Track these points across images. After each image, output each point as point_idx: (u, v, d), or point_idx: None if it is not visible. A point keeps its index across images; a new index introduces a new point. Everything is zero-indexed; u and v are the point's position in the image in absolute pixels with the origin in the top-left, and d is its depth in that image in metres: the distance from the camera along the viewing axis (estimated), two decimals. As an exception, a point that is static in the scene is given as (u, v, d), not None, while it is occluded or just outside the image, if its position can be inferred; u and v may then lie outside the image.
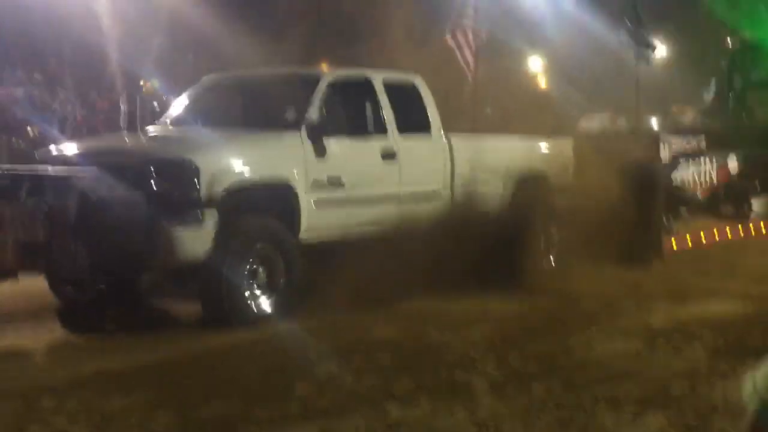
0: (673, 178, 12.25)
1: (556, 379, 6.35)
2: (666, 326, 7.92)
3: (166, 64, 34.52)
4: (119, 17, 30.49)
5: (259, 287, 7.85)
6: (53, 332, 7.82)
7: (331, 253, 8.76)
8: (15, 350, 7.28)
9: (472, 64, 16.90)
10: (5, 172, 7.91)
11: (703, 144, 13.94)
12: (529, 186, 10.49)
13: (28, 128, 26.01)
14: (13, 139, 25.63)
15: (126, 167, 7.52)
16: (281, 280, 7.96)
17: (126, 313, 8.41)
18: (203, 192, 7.46)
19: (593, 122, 37.93)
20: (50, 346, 7.46)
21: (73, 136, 26.56)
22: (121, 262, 7.40)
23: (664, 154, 12.83)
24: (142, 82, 35.34)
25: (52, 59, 33.82)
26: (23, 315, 8.42)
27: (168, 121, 9.30)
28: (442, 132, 9.69)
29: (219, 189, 7.53)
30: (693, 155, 13.66)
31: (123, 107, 8.41)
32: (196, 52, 37.75)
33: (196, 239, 7.41)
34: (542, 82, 53.05)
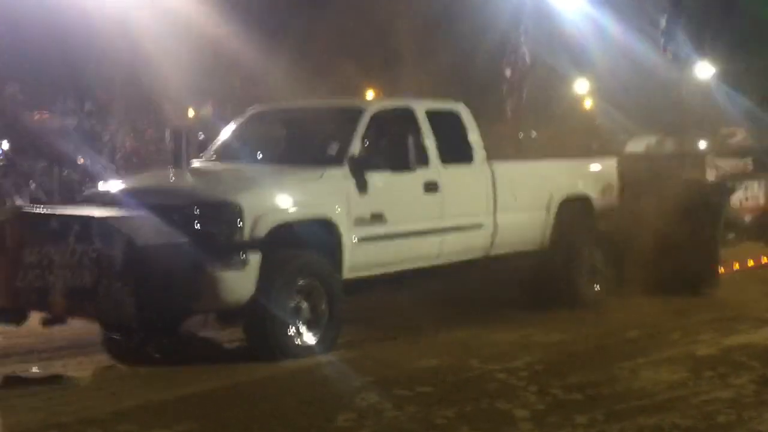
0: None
1: (599, 409, 6.29)
2: (712, 355, 7.83)
3: (213, 92, 34.97)
4: (167, 46, 30.97)
5: (303, 322, 7.88)
6: (99, 363, 7.90)
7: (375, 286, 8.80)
8: (60, 381, 7.37)
9: (524, 95, 16.91)
10: (53, 214, 7.95)
11: (751, 166, 13.73)
12: (572, 210, 10.40)
13: (80, 159, 26.49)
14: (65, 171, 26.11)
15: (171, 209, 7.58)
16: (325, 315, 7.99)
17: (171, 344, 8.47)
18: (247, 233, 7.51)
19: (640, 145, 37.71)
20: (95, 376, 7.54)
21: (123, 166, 27.00)
22: (166, 307, 7.45)
23: (711, 176, 12.66)
24: (191, 112, 35.83)
25: (101, 89, 34.43)
26: (69, 346, 8.53)
27: (213, 155, 9.38)
28: (486, 160, 9.65)
29: (263, 230, 7.59)
30: (740, 178, 13.45)
31: (168, 139, 8.46)
32: (242, 81, 38.20)
33: (241, 282, 7.48)
34: (588, 105, 52.89)
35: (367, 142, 8.58)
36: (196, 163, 9.33)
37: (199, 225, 7.48)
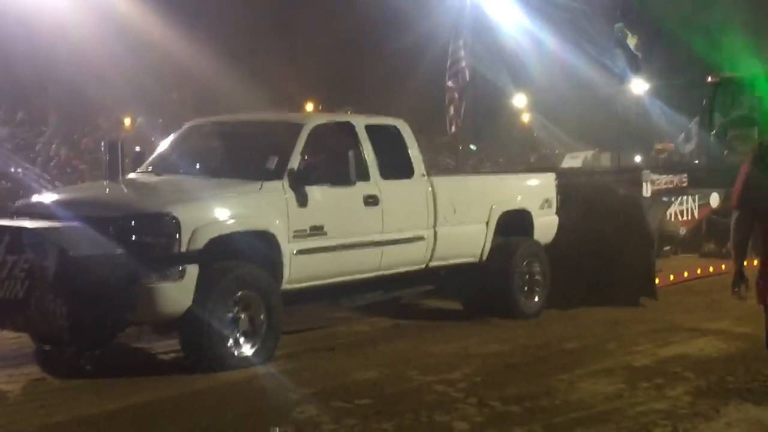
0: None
1: (537, 422, 6.32)
2: (648, 366, 7.91)
3: (152, 102, 34.62)
4: (103, 56, 30.60)
5: (241, 333, 7.79)
6: (29, 375, 7.70)
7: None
8: (-11, 395, 7.19)
9: (463, 109, 16.99)
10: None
11: (686, 182, 13.98)
12: (511, 224, 10.48)
13: (13, 169, 25.96)
14: (-2, 180, 25.57)
15: (106, 221, 7.46)
16: (263, 326, 7.91)
17: (105, 356, 8.31)
18: (184, 245, 7.42)
19: (577, 159, 38.19)
20: (25, 389, 7.35)
21: (57, 177, 26.53)
22: (100, 319, 7.32)
23: (648, 191, 12.84)
24: (127, 121, 35.41)
25: (35, 99, 33.90)
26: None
27: (150, 167, 9.25)
28: (425, 174, 9.68)
29: (201, 242, 7.51)
30: (675, 193, 13.69)
31: (104, 150, 8.31)
32: (180, 92, 37.90)
33: (178, 294, 7.39)
34: (526, 119, 53.48)
35: (307, 156, 8.56)
36: (132, 175, 9.20)
37: (135, 237, 7.39)
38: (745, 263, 6.02)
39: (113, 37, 30.25)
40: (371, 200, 8.92)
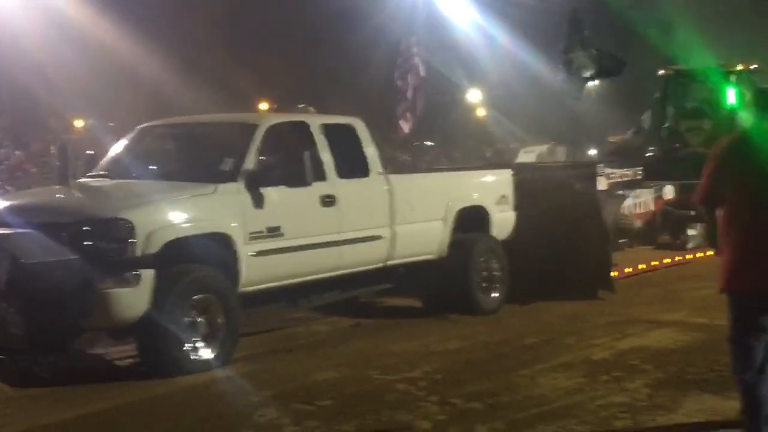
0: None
1: (499, 419, 6.31)
2: (607, 359, 7.96)
3: (103, 104, 34.23)
4: (55, 58, 30.21)
5: (199, 337, 7.71)
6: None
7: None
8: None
9: (419, 105, 16.97)
10: None
11: (641, 175, 14.15)
12: (469, 220, 10.49)
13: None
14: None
15: (59, 226, 7.34)
16: (221, 329, 7.84)
17: (60, 363, 8.18)
18: (139, 250, 7.33)
19: (532, 154, 38.44)
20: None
21: (7, 181, 26.13)
22: (55, 326, 7.20)
23: (603, 185, 12.95)
24: (79, 124, 34.98)
25: (-15, 102, 33.37)
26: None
27: (103, 171, 9.11)
28: (382, 173, 9.66)
29: (156, 246, 7.42)
30: (630, 186, 13.84)
31: (54, 153, 8.17)
32: (133, 93, 37.51)
33: (133, 299, 7.30)
34: (481, 114, 53.66)
35: (263, 157, 8.49)
36: (84, 180, 9.06)
37: (89, 242, 7.27)
38: (699, 254, 6.11)
39: (63, 40, 29.88)
40: (328, 200, 8.87)
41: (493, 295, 10.53)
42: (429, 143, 43.37)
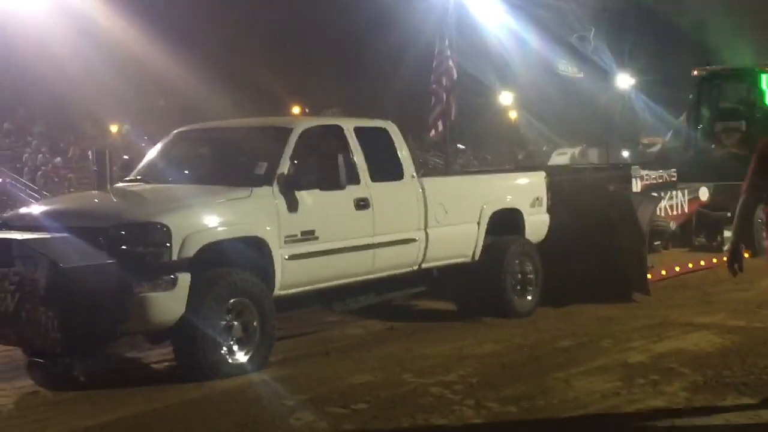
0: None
1: (535, 422, 6.27)
2: (644, 362, 7.89)
3: (138, 109, 34.53)
4: (89, 64, 30.51)
5: (234, 340, 7.75)
6: (22, 389, 7.65)
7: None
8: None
9: (452, 109, 16.93)
10: None
11: (675, 177, 14.03)
12: (503, 223, 10.46)
13: (0, 180, 25.87)
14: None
15: (97, 231, 7.40)
16: (256, 333, 7.87)
17: (98, 367, 8.25)
18: (176, 254, 7.38)
19: (564, 156, 38.22)
20: (18, 403, 7.28)
21: (44, 186, 26.44)
22: (93, 330, 7.26)
23: (637, 186, 12.86)
24: (114, 129, 35.31)
25: (21, 108, 33.78)
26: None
27: (139, 176, 9.19)
28: (415, 176, 9.66)
29: (192, 250, 7.46)
30: (665, 187, 13.73)
31: (92, 159, 8.27)
32: (167, 98, 37.79)
33: (170, 302, 7.34)
34: (513, 116, 53.51)
35: (297, 161, 8.51)
36: (121, 184, 9.13)
37: (126, 246, 7.32)
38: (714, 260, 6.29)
39: (98, 46, 30.17)
40: (362, 203, 8.89)
41: (527, 298, 10.49)
42: (461, 146, 43.35)
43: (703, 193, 14.11)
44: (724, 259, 13.52)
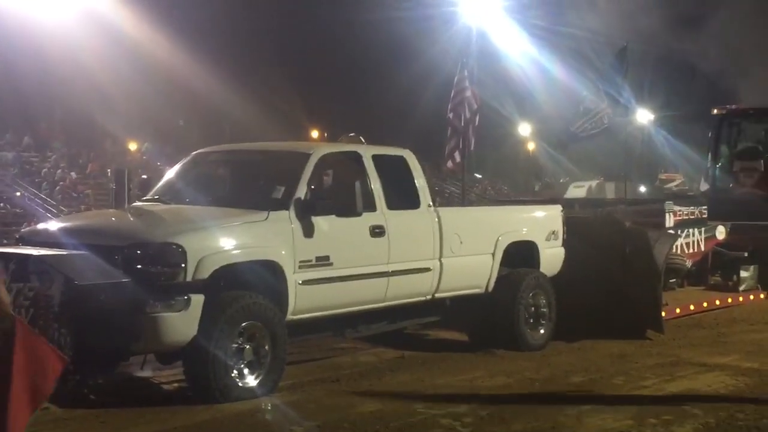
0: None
1: (544, 458, 6.24)
2: (656, 402, 7.82)
3: (158, 127, 34.72)
4: (112, 80, 30.73)
5: (245, 364, 7.75)
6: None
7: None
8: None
9: (471, 139, 16.92)
10: None
11: (706, 213, 14.01)
12: (517, 255, 10.44)
13: (18, 194, 26.01)
14: (1, 205, 25.59)
15: (113, 249, 7.44)
16: (268, 357, 7.87)
17: (108, 385, 8.25)
18: (190, 275, 7.41)
19: (582, 189, 38.14)
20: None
21: (62, 201, 26.55)
22: (105, 348, 7.28)
23: (670, 222, 12.83)
24: (133, 147, 35.49)
25: (42, 122, 34.04)
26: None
27: (157, 196, 9.23)
28: (432, 205, 9.67)
29: (206, 271, 7.50)
30: (683, 225, 13.70)
31: (111, 178, 8.31)
32: (187, 117, 37.99)
33: (182, 323, 7.35)
34: (531, 148, 53.51)
35: (314, 186, 8.54)
36: (138, 204, 9.16)
37: (141, 266, 7.35)
38: (751, 297, 6.10)
39: (122, 63, 30.39)
40: (378, 231, 8.89)
41: (540, 331, 10.45)
42: (478, 175, 43.36)
43: (720, 232, 14.03)
44: (740, 299, 13.58)
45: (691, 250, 13.29)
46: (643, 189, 39.47)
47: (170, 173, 9.72)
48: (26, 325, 5.51)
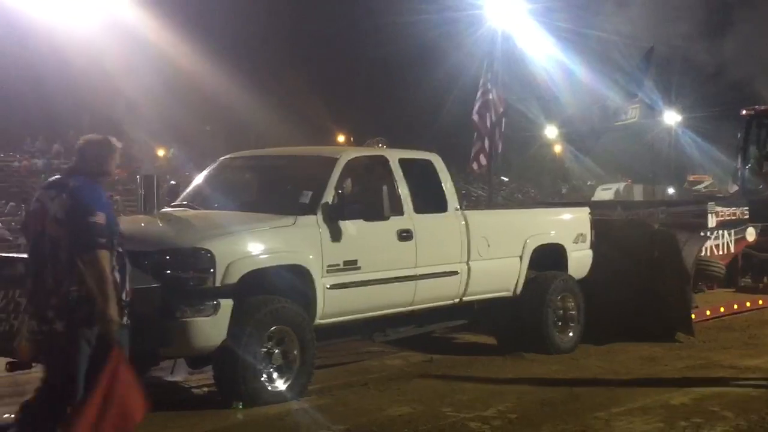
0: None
1: (573, 462, 6.22)
2: (686, 404, 7.77)
3: (185, 133, 34.92)
4: (138, 87, 30.97)
5: (274, 368, 7.78)
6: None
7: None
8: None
9: (498, 143, 16.89)
10: (19, 258, 7.77)
11: (747, 214, 13.92)
12: (545, 258, 10.41)
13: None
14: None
15: (142, 255, 7.46)
16: (296, 361, 7.90)
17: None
18: (219, 280, 7.45)
19: (609, 191, 37.98)
20: (60, 424, 7.34)
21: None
22: (135, 352, 7.31)
23: (712, 222, 12.77)
24: (162, 152, 35.73)
25: (71, 130, 34.36)
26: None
27: (185, 201, 9.28)
28: (459, 209, 9.66)
29: (235, 276, 7.53)
30: (738, 224, 13.68)
31: (140, 184, 8.39)
32: (213, 123, 38.18)
33: (212, 328, 7.39)
34: (558, 151, 53.33)
35: (341, 191, 8.56)
36: (167, 209, 9.22)
37: (170, 271, 7.39)
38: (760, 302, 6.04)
39: (148, 70, 30.61)
40: (405, 235, 8.90)
41: (568, 334, 10.42)
42: (504, 178, 43.26)
43: (750, 234, 13.93)
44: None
45: (721, 252, 13.20)
46: (671, 191, 39.24)
47: (198, 179, 9.78)
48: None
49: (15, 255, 8.03)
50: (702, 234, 12.13)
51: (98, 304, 5.53)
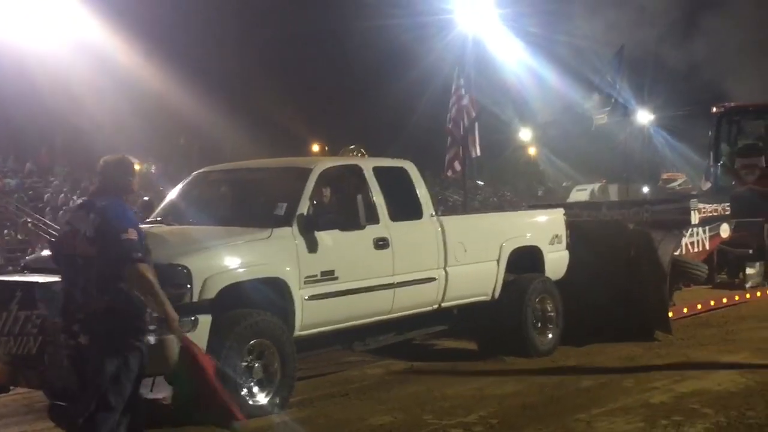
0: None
1: (556, 464, 6.23)
2: (666, 403, 7.81)
3: (158, 149, 34.78)
4: (110, 103, 30.83)
5: (255, 381, 7.76)
6: None
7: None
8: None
9: (473, 147, 16.91)
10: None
11: (728, 210, 14.02)
12: (522, 261, 10.45)
13: (22, 219, 26.04)
14: (6, 232, 25.63)
15: None
16: (277, 374, 7.87)
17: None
18: (196, 296, 7.42)
19: (585, 192, 38.14)
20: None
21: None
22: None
23: (695, 219, 12.87)
24: (136, 167, 35.53)
25: (43, 148, 34.14)
26: (10, 414, 8.28)
27: (159, 218, 9.24)
28: (434, 215, 9.68)
29: (212, 291, 7.50)
30: (720, 220, 13.77)
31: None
32: (187, 138, 38.06)
33: None
34: (532, 154, 53.53)
35: (316, 201, 8.55)
36: (142, 226, 9.14)
37: None
38: (758, 294, 6.06)
39: (118, 86, 30.48)
40: (381, 243, 8.90)
41: (548, 336, 10.46)
42: (480, 182, 43.38)
43: (724, 230, 14.03)
44: (747, 296, 13.56)
45: (696, 249, 13.28)
46: (646, 189, 39.48)
47: (172, 194, 9.74)
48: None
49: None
50: (677, 232, 12.18)
51: (157, 311, 5.88)
